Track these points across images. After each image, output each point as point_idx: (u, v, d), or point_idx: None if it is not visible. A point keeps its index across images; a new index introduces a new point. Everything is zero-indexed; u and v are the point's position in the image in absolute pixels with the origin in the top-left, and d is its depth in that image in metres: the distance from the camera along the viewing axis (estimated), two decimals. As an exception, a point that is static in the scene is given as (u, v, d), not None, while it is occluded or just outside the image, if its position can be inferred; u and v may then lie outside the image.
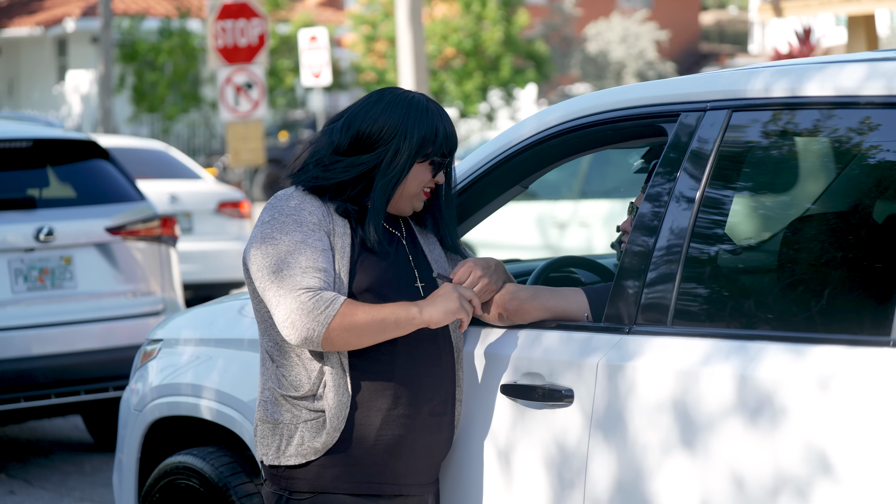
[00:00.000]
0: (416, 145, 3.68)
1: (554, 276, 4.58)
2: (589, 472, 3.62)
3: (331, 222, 3.67)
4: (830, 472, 3.18)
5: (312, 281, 3.55)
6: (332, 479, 3.66)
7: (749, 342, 3.41)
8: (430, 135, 3.70)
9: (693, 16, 49.64)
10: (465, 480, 3.90)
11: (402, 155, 3.68)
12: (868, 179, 3.80)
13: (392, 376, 3.69)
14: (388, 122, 3.69)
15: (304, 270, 3.56)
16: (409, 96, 3.74)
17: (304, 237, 3.60)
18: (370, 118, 3.70)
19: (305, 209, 3.65)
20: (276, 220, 3.64)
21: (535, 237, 12.88)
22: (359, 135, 3.70)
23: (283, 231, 3.62)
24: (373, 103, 3.73)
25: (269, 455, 3.72)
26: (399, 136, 3.67)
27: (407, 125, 3.68)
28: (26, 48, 37.36)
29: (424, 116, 3.70)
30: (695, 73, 4.03)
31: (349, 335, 3.55)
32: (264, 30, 18.27)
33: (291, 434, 3.67)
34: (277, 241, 3.61)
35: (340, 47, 34.56)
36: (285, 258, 3.58)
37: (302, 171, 3.73)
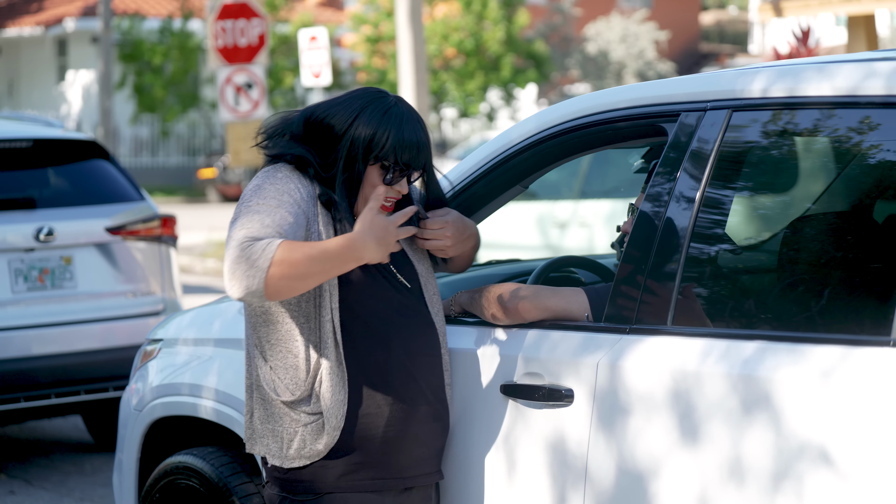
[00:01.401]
0: (365, 143, 3.62)
1: (554, 276, 4.58)
2: (589, 471, 3.62)
3: (315, 206, 3.64)
4: (831, 471, 3.18)
5: (258, 233, 3.45)
6: (337, 479, 3.66)
7: (749, 342, 3.41)
8: (380, 136, 3.62)
9: (693, 16, 49.64)
10: (465, 480, 3.90)
11: (354, 150, 3.63)
12: (868, 179, 3.80)
13: (388, 368, 3.68)
14: (344, 112, 3.64)
15: (263, 225, 3.48)
16: (381, 97, 3.68)
17: (279, 204, 3.54)
18: (330, 105, 3.67)
19: (292, 183, 3.61)
20: (260, 187, 3.59)
21: (536, 237, 12.87)
22: (314, 117, 3.65)
23: (261, 196, 3.56)
24: (340, 99, 3.70)
25: (270, 455, 3.71)
26: (351, 129, 3.62)
27: (360, 120, 3.62)
28: (26, 48, 37.37)
29: (382, 116, 3.63)
30: (695, 73, 4.03)
31: (291, 279, 3.41)
32: (264, 30, 18.28)
33: (292, 438, 3.67)
34: (251, 204, 3.55)
35: (340, 47, 34.55)
36: (248, 215, 3.50)
37: (272, 142, 3.70)
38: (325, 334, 3.63)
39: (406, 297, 3.77)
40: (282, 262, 3.39)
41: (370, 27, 31.93)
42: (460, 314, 4.05)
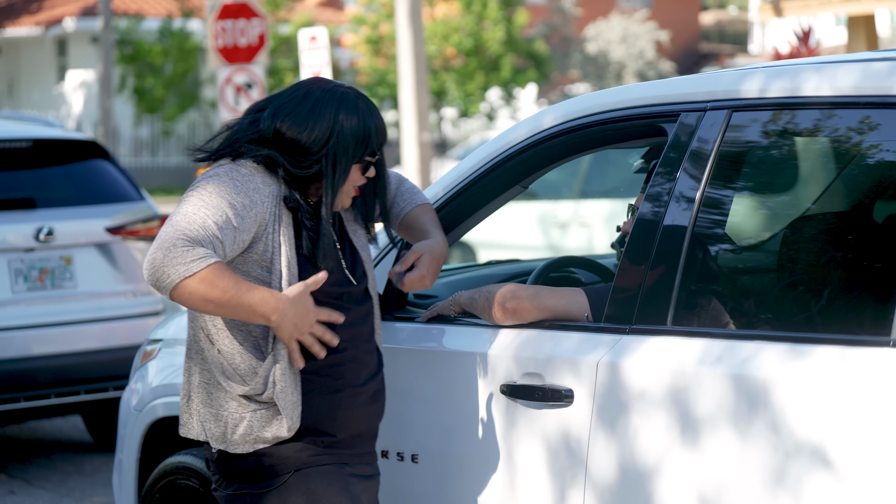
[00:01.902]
0: (352, 150, 3.60)
1: (554, 276, 4.58)
2: (589, 471, 3.62)
3: (279, 206, 3.58)
4: (830, 471, 3.18)
5: (198, 237, 3.41)
6: (297, 460, 3.63)
7: (749, 342, 3.41)
8: (363, 137, 3.61)
9: (693, 16, 49.63)
10: (465, 480, 3.90)
11: (340, 161, 3.59)
12: (868, 179, 3.80)
13: (337, 355, 3.67)
14: (319, 125, 3.58)
15: (204, 226, 3.43)
16: (337, 93, 3.63)
17: (230, 204, 3.48)
18: (299, 118, 3.59)
19: (256, 180, 3.55)
20: (219, 177, 3.52)
21: (536, 237, 12.87)
22: (286, 133, 3.58)
23: (216, 187, 3.50)
24: (298, 100, 3.62)
25: (213, 438, 3.64)
26: (333, 140, 3.58)
27: (341, 126, 3.58)
28: (26, 48, 37.37)
29: (354, 116, 3.61)
30: (695, 73, 4.03)
31: (200, 299, 3.40)
32: (264, 30, 18.28)
33: (237, 423, 3.61)
34: (203, 191, 3.49)
35: (340, 47, 34.56)
36: (197, 207, 3.45)
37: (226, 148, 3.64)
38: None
39: (349, 293, 3.74)
40: (203, 281, 3.38)
41: (370, 27, 31.93)
42: (460, 314, 4.05)
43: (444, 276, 5.03)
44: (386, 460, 4.07)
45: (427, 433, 4.00)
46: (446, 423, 3.95)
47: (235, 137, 3.64)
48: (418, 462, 4.01)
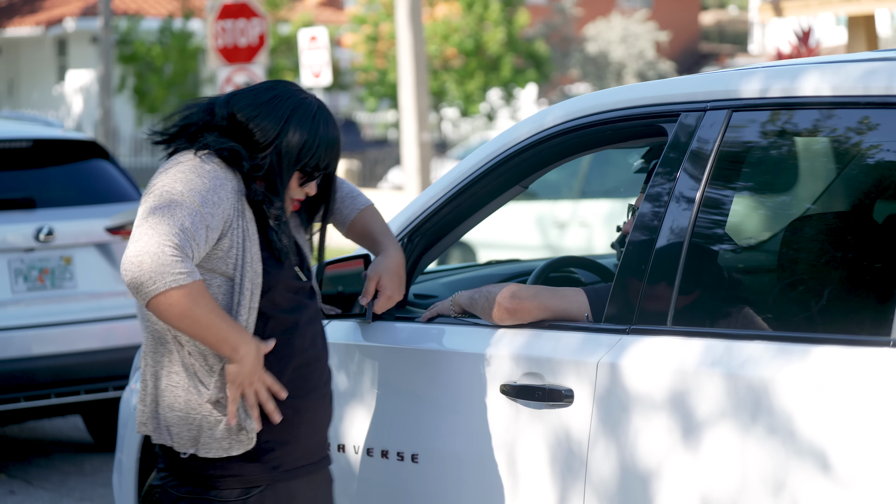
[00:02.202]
0: (296, 155, 3.58)
1: (554, 276, 4.58)
2: (589, 471, 3.62)
3: (242, 201, 3.56)
4: (830, 472, 3.18)
5: (183, 243, 3.38)
6: (262, 470, 3.61)
7: (749, 342, 3.41)
8: (309, 145, 3.59)
9: (693, 16, 49.63)
10: (465, 480, 3.90)
11: (284, 161, 3.57)
12: (868, 179, 3.80)
13: (305, 354, 3.66)
14: (272, 118, 3.57)
15: (183, 230, 3.39)
16: (299, 97, 3.62)
17: (202, 201, 3.45)
18: (254, 105, 3.58)
19: (221, 177, 3.52)
20: (186, 173, 3.48)
21: (536, 237, 12.87)
22: (237, 117, 3.57)
23: (186, 185, 3.46)
24: (261, 90, 3.62)
25: (181, 443, 3.57)
26: (280, 138, 3.56)
27: (290, 128, 3.57)
28: (26, 48, 37.37)
29: (311, 123, 3.59)
30: (695, 73, 4.03)
31: (175, 315, 3.37)
32: (264, 30, 18.27)
33: (212, 427, 3.56)
34: (175, 189, 3.44)
35: (340, 47, 34.56)
36: (173, 207, 3.41)
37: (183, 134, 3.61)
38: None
39: (303, 288, 3.73)
40: (188, 295, 3.36)
41: (370, 27, 31.93)
42: (460, 314, 4.05)
43: (444, 276, 5.03)
44: (386, 460, 4.08)
45: (427, 433, 3.99)
46: (446, 423, 3.95)
47: (192, 122, 3.61)
48: (418, 462, 4.01)
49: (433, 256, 4.33)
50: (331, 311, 4.15)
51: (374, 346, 4.17)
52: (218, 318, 3.42)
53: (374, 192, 22.16)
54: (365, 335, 4.20)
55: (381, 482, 4.10)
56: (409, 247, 4.25)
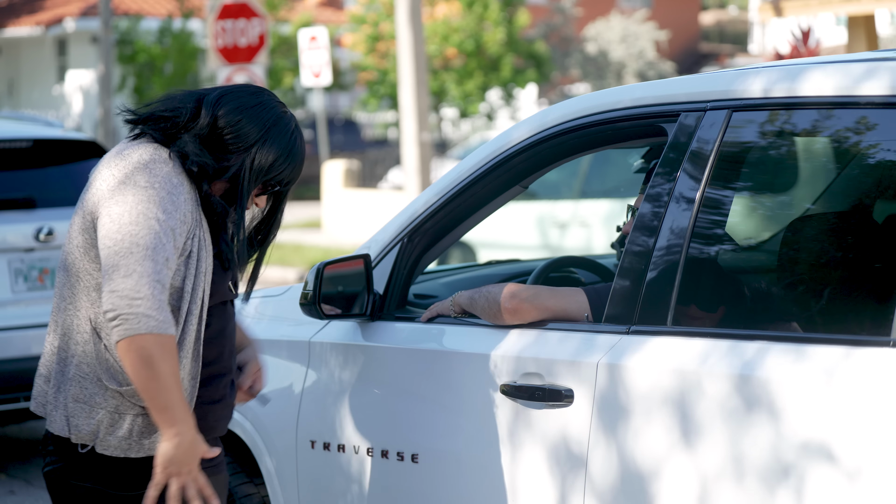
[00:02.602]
0: (269, 166, 3.55)
1: (554, 276, 4.59)
2: (589, 471, 3.62)
3: (198, 209, 3.51)
4: (831, 472, 3.18)
5: (166, 280, 3.33)
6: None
7: (749, 342, 3.41)
8: (283, 158, 3.56)
9: (693, 16, 49.63)
10: (464, 480, 3.90)
11: (255, 169, 3.54)
12: (868, 179, 3.80)
13: (222, 358, 3.63)
14: (254, 122, 3.54)
15: (166, 263, 3.34)
16: (281, 110, 3.59)
17: (173, 225, 3.38)
18: (241, 108, 3.54)
19: (183, 192, 3.45)
20: (156, 190, 3.39)
21: (535, 237, 12.87)
22: (220, 121, 3.53)
23: (161, 208, 3.37)
24: (247, 94, 3.59)
25: (79, 436, 3.47)
26: (258, 146, 3.53)
27: (267, 141, 3.53)
28: (26, 48, 37.37)
29: (286, 136, 3.57)
30: (695, 73, 4.02)
31: (140, 360, 3.29)
32: (264, 29, 18.26)
33: (113, 423, 3.46)
34: (151, 214, 3.36)
35: (340, 47, 34.56)
36: (152, 237, 3.33)
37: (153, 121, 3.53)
38: (186, 344, 3.48)
39: (232, 301, 3.70)
40: (162, 347, 3.28)
41: (370, 27, 31.92)
42: (460, 314, 4.05)
43: (444, 276, 5.03)
44: (386, 460, 4.08)
45: (427, 433, 3.99)
46: (446, 423, 3.95)
47: (177, 119, 3.54)
48: (418, 462, 4.01)
49: (433, 256, 4.33)
50: (330, 311, 4.15)
51: (374, 346, 4.17)
52: (176, 385, 3.34)
53: (374, 192, 22.16)
54: (365, 335, 4.20)
55: (381, 482, 4.10)
56: (409, 247, 4.25)
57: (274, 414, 4.40)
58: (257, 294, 4.88)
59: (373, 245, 4.31)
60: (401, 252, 4.24)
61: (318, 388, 4.30)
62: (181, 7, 32.31)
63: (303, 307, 4.17)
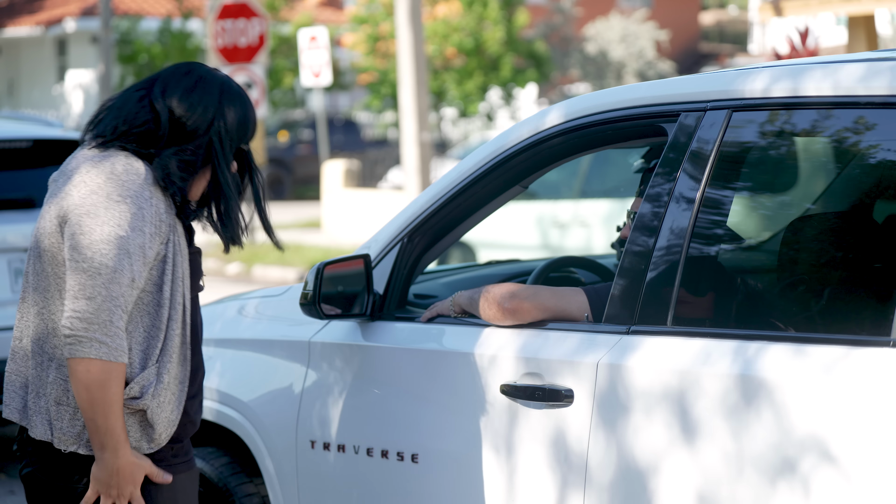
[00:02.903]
0: (235, 134, 3.54)
1: (554, 276, 4.58)
2: (589, 471, 3.62)
3: (172, 217, 3.49)
4: (830, 471, 3.18)
5: (128, 304, 3.35)
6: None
7: (749, 342, 3.41)
8: (243, 123, 3.56)
9: (693, 15, 49.64)
10: (464, 480, 3.90)
11: (226, 142, 3.53)
12: (868, 179, 3.80)
13: (196, 354, 3.63)
14: (206, 102, 3.52)
15: (132, 284, 3.35)
16: (219, 76, 3.57)
17: (142, 242, 3.38)
18: (185, 93, 3.52)
19: (154, 204, 3.43)
20: (128, 205, 3.38)
21: (535, 237, 12.87)
22: (175, 111, 3.50)
23: (131, 225, 3.36)
24: (182, 75, 3.56)
25: (64, 439, 3.46)
26: (221, 121, 3.52)
27: (224, 109, 3.53)
28: (26, 48, 37.37)
29: (238, 101, 3.56)
30: (694, 73, 4.03)
31: (87, 385, 3.31)
32: (264, 29, 18.26)
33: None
34: (122, 232, 3.35)
35: (340, 47, 34.57)
36: (119, 258, 3.33)
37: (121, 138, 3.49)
38: (171, 348, 3.48)
39: (201, 289, 3.69)
40: (109, 374, 3.30)
41: (370, 27, 31.92)
42: (460, 314, 4.05)
43: (444, 276, 5.03)
44: (386, 460, 4.07)
45: (427, 433, 3.99)
46: (446, 423, 3.95)
47: (126, 124, 3.51)
48: (418, 462, 4.01)
49: (433, 256, 4.33)
50: (330, 311, 4.15)
51: (374, 346, 4.17)
52: (115, 412, 3.35)
53: (374, 192, 22.16)
54: (365, 335, 4.20)
55: (381, 482, 4.10)
56: (409, 247, 4.25)
57: (274, 414, 4.40)
58: (257, 294, 4.88)
59: (373, 245, 4.31)
60: (401, 252, 4.24)
61: (319, 388, 4.30)
62: (181, 7, 32.31)
63: (303, 307, 4.17)
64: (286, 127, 32.39)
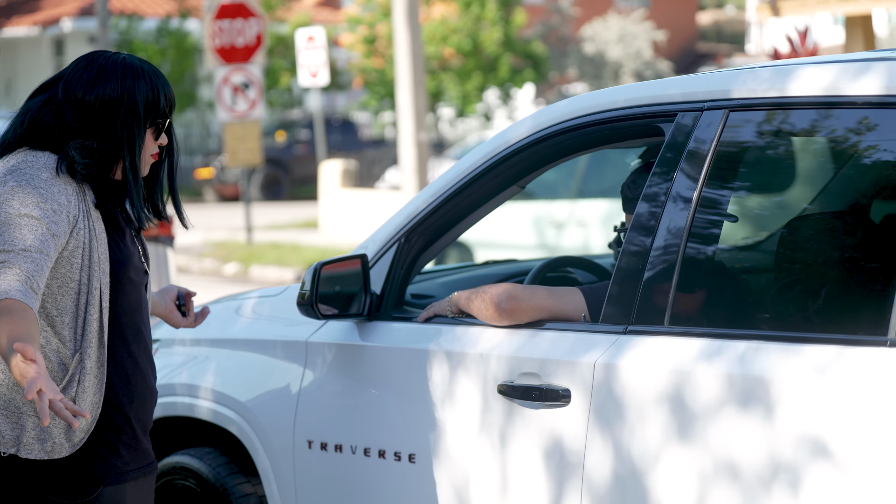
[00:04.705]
0: (143, 113, 3.52)
1: (551, 276, 4.58)
2: (586, 471, 3.62)
3: (84, 201, 3.47)
4: (827, 471, 3.18)
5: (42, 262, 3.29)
6: (106, 471, 3.49)
7: (746, 342, 3.41)
8: (152, 99, 3.53)
9: (690, 15, 49.65)
10: (461, 480, 3.90)
11: (135, 127, 3.51)
12: (865, 179, 3.80)
13: (137, 362, 3.58)
14: (108, 91, 3.50)
15: (24, 248, 3.28)
16: (119, 59, 3.55)
17: (42, 214, 3.34)
18: (87, 87, 3.50)
19: (57, 185, 3.41)
20: (22, 187, 3.38)
21: (532, 237, 12.87)
22: (79, 103, 3.49)
23: (22, 202, 3.34)
24: (83, 69, 3.54)
25: (3, 442, 3.41)
26: (125, 106, 3.49)
27: (128, 93, 3.50)
28: (23, 48, 37.36)
29: (141, 80, 3.53)
30: (692, 73, 4.03)
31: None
32: (262, 29, 18.26)
33: (35, 426, 3.41)
34: (12, 208, 3.33)
35: (338, 47, 34.56)
36: (7, 228, 3.30)
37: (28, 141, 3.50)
38: (90, 333, 3.45)
39: (143, 284, 3.67)
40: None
41: (367, 27, 31.92)
42: (457, 314, 4.05)
43: (441, 276, 5.03)
44: (383, 460, 4.07)
45: (424, 433, 3.99)
46: (443, 423, 3.95)
47: (35, 123, 3.53)
48: (415, 462, 4.01)
49: (430, 256, 4.33)
50: (327, 311, 4.15)
51: (372, 346, 4.17)
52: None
53: (372, 192, 22.16)
54: (362, 335, 4.20)
55: (379, 482, 4.10)
56: (406, 247, 4.25)
57: (271, 414, 4.40)
58: (254, 294, 4.88)
59: (370, 245, 4.31)
60: (398, 252, 4.24)
61: (316, 387, 4.30)
62: (178, 7, 32.30)
63: (300, 307, 4.17)
64: (283, 127, 32.38)
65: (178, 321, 3.93)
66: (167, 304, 3.93)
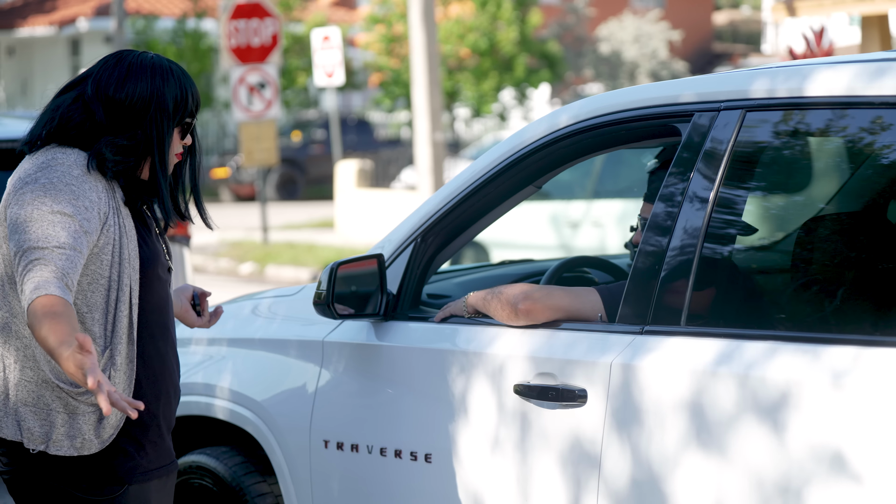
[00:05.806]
0: (172, 112, 3.55)
1: (567, 276, 4.58)
2: (603, 472, 3.62)
3: (114, 198, 3.49)
4: (846, 472, 3.18)
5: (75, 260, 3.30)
6: (130, 469, 3.51)
7: (763, 342, 3.41)
8: (181, 98, 3.56)
9: (706, 15, 49.57)
10: (477, 480, 3.90)
11: (165, 126, 3.54)
12: (882, 179, 3.79)
13: (164, 360, 3.60)
14: (139, 89, 3.52)
15: (59, 245, 3.29)
16: (148, 58, 3.58)
17: (74, 211, 3.36)
18: (118, 84, 3.52)
19: (88, 182, 3.44)
20: (54, 184, 3.39)
21: (549, 237, 12.87)
22: (112, 103, 3.52)
23: (55, 199, 3.36)
24: (112, 66, 3.56)
25: (31, 438, 3.44)
26: (155, 104, 3.52)
27: (158, 92, 3.53)
28: (40, 48, 37.44)
29: (171, 79, 3.56)
30: (708, 73, 4.02)
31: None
32: (277, 29, 18.29)
33: (65, 423, 3.44)
34: (45, 206, 3.34)
35: (353, 47, 34.58)
36: (46, 226, 3.31)
37: (57, 138, 3.51)
38: (120, 330, 3.47)
39: (169, 282, 3.69)
40: (41, 305, 3.17)
41: (384, 27, 31.92)
42: (473, 315, 4.05)
43: (457, 276, 5.03)
44: (399, 460, 4.08)
45: (440, 433, 4.00)
46: (459, 423, 3.96)
47: (65, 120, 3.53)
48: (431, 462, 4.01)
49: (446, 256, 4.33)
50: (344, 311, 4.15)
51: (388, 346, 4.17)
52: (49, 335, 3.16)
53: (387, 191, 22.16)
54: (378, 335, 4.21)
55: (395, 482, 4.10)
56: (422, 246, 4.25)
57: (287, 413, 4.41)
58: (270, 294, 4.89)
59: (386, 245, 4.32)
60: (414, 252, 4.24)
61: (332, 387, 4.30)
62: (195, 7, 32.34)
63: (316, 307, 4.17)
64: (299, 127, 32.40)
65: (193, 321, 3.94)
66: (182, 303, 3.94)
